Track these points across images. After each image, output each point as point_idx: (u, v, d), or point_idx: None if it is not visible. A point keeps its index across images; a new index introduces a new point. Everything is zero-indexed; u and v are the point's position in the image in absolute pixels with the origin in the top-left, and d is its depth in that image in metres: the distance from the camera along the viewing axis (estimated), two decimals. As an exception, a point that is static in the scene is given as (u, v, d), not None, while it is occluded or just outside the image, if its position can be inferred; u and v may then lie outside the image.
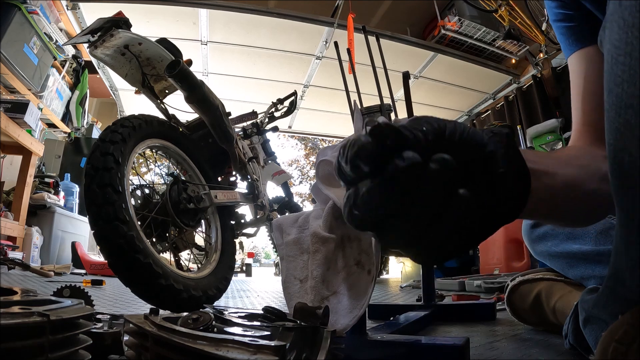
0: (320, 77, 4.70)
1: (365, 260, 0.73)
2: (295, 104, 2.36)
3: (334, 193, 0.78)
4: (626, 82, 0.37)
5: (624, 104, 0.37)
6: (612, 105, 0.39)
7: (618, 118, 0.38)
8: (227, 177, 1.83)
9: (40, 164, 4.26)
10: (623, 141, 0.38)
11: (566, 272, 0.88)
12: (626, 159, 0.37)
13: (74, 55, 4.40)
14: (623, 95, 0.37)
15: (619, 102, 0.38)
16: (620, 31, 0.38)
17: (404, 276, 3.51)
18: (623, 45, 0.37)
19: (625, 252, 0.42)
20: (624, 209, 0.41)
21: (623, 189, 0.39)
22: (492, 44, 4.64)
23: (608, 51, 0.40)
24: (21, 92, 3.43)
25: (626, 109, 0.37)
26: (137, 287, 1.09)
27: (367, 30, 1.15)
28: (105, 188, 1.06)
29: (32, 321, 0.39)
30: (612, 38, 0.39)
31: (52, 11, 3.63)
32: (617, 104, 0.38)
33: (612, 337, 0.37)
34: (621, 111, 0.38)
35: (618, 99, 0.38)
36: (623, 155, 0.38)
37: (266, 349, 0.40)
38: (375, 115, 0.98)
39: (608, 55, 0.40)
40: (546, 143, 3.70)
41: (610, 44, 0.39)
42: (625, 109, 0.37)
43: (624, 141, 0.37)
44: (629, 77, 0.36)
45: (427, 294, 1.34)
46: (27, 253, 3.36)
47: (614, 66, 0.38)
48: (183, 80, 1.36)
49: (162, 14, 3.73)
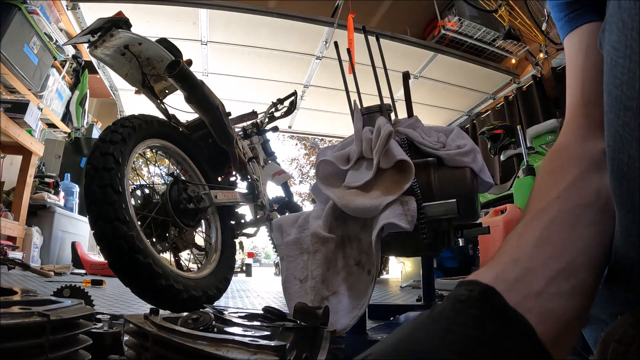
0: (320, 77, 4.70)
1: (365, 260, 0.73)
2: (295, 104, 2.36)
3: (334, 193, 0.78)
4: (625, 85, 0.37)
5: (623, 106, 0.37)
6: (611, 107, 0.39)
7: (617, 120, 0.38)
8: (227, 177, 1.83)
9: (40, 164, 4.26)
10: (622, 143, 0.38)
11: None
12: (625, 160, 0.38)
13: (74, 55, 4.40)
14: (622, 98, 0.37)
15: (618, 104, 0.38)
16: (619, 33, 0.38)
17: (404, 276, 3.51)
18: (622, 48, 0.37)
19: (625, 253, 0.42)
20: (624, 209, 0.41)
21: (622, 190, 0.39)
22: (492, 44, 4.64)
23: (607, 53, 0.40)
24: (21, 92, 3.43)
25: (625, 111, 0.37)
26: (137, 287, 1.09)
27: (367, 30, 1.15)
28: (105, 188, 1.06)
29: (32, 321, 0.39)
30: (611, 40, 0.39)
31: (52, 11, 3.63)
32: (617, 106, 0.38)
33: (612, 337, 0.37)
34: (620, 113, 0.38)
35: (617, 101, 0.38)
36: (622, 156, 0.38)
37: (266, 349, 0.40)
38: (375, 115, 0.98)
39: (607, 57, 0.40)
40: (546, 143, 3.70)
41: (610, 45, 0.39)
42: (625, 111, 0.37)
43: (623, 143, 0.38)
44: (628, 79, 0.37)
45: (427, 294, 1.34)
46: (27, 253, 3.36)
47: (613, 68, 0.39)
48: (183, 80, 1.36)
49: (162, 14, 3.74)
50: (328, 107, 5.27)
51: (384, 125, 0.82)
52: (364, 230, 0.76)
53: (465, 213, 0.78)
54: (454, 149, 0.89)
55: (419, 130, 0.97)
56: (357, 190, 0.78)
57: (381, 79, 1.04)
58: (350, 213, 0.75)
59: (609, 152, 0.40)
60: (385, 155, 0.78)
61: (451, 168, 0.84)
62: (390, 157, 0.77)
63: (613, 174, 0.40)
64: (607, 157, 0.41)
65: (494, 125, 4.22)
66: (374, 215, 0.72)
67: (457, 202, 0.72)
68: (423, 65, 4.64)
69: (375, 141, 0.80)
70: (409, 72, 1.17)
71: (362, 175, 0.80)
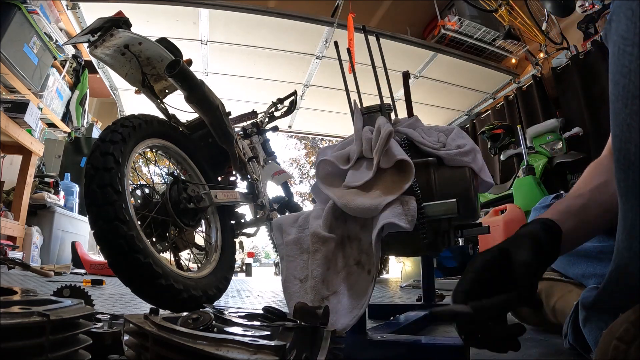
0: (320, 77, 4.70)
1: (365, 260, 0.73)
2: (295, 104, 2.36)
3: (334, 193, 0.78)
4: (634, 73, 0.36)
5: (631, 95, 0.37)
6: (619, 96, 0.39)
7: (625, 109, 0.38)
8: (227, 177, 1.83)
9: (40, 163, 4.26)
10: (630, 132, 0.37)
11: (567, 271, 0.88)
12: (632, 150, 0.37)
13: (74, 55, 4.40)
14: (630, 86, 0.37)
15: (626, 93, 0.37)
16: (628, 22, 0.37)
17: (404, 276, 3.51)
18: (631, 36, 0.37)
19: (628, 246, 0.42)
20: (628, 202, 0.40)
21: (627, 181, 0.39)
22: (492, 43, 4.64)
23: (614, 43, 0.39)
24: (21, 91, 3.42)
25: (633, 99, 0.37)
26: (137, 287, 1.09)
27: (367, 30, 1.15)
28: (105, 188, 1.06)
29: (32, 321, 0.39)
30: (619, 29, 0.39)
31: (52, 11, 3.63)
32: (624, 95, 0.38)
33: (613, 335, 0.37)
34: (628, 102, 0.37)
35: (625, 90, 0.38)
36: (629, 146, 0.38)
37: (266, 348, 0.40)
38: (375, 114, 0.98)
39: (614, 47, 0.39)
40: (546, 143, 3.70)
41: (617, 35, 0.39)
42: (632, 100, 0.37)
43: (630, 132, 0.37)
44: (637, 67, 0.36)
45: (427, 294, 1.34)
46: (27, 253, 3.36)
47: (620, 57, 0.38)
48: (183, 80, 1.36)
49: (162, 14, 3.74)
50: (328, 107, 5.27)
51: (384, 125, 0.82)
52: (364, 230, 0.76)
53: (465, 213, 0.78)
54: (454, 148, 0.89)
55: (419, 129, 0.97)
56: (357, 190, 0.78)
57: (381, 78, 1.04)
58: (350, 213, 0.75)
59: (615, 143, 0.40)
60: (386, 155, 0.78)
61: (451, 168, 0.84)
62: (391, 157, 0.77)
63: (619, 165, 0.40)
64: (612, 148, 0.41)
65: (494, 125, 4.22)
66: (374, 215, 0.72)
67: (457, 202, 0.72)
68: (423, 65, 4.64)
69: (375, 141, 0.80)
70: (409, 71, 1.17)
71: (362, 175, 0.80)
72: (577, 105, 3.87)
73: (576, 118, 3.84)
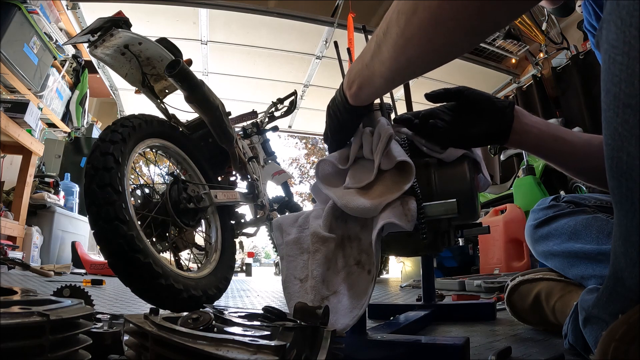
0: (321, 77, 4.70)
1: (365, 260, 0.73)
2: (295, 104, 2.36)
3: (334, 193, 0.78)
4: (624, 82, 0.37)
5: (622, 104, 0.37)
6: (610, 105, 0.39)
7: (616, 118, 0.38)
8: (227, 177, 1.83)
9: (40, 163, 4.26)
10: (621, 141, 0.37)
11: (566, 272, 0.88)
12: (624, 159, 0.37)
13: (74, 54, 4.40)
14: (621, 95, 0.37)
15: (617, 102, 0.38)
16: (617, 30, 0.38)
17: (404, 276, 3.51)
18: (621, 45, 0.37)
19: (625, 252, 0.42)
20: (623, 209, 0.41)
21: (621, 189, 0.39)
22: (492, 43, 4.64)
23: (605, 51, 0.40)
24: (21, 91, 3.42)
25: (624, 108, 0.37)
26: (137, 287, 1.09)
27: (367, 29, 1.15)
28: (105, 188, 1.06)
29: (32, 321, 0.39)
30: (609, 37, 0.39)
31: (52, 11, 3.63)
32: (615, 103, 0.38)
33: (613, 336, 0.37)
34: (619, 110, 0.38)
35: (616, 99, 0.38)
36: (621, 154, 0.38)
37: (266, 348, 0.40)
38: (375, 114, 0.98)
39: (605, 55, 0.40)
40: (546, 143, 3.70)
41: (608, 43, 0.39)
42: (624, 109, 0.37)
43: (622, 141, 0.37)
44: (627, 76, 0.36)
45: (427, 294, 1.34)
46: (27, 253, 3.36)
47: (611, 66, 0.38)
48: (183, 80, 1.36)
49: (162, 14, 3.74)
50: (328, 107, 5.26)
51: (384, 127, 0.82)
52: (364, 230, 0.76)
53: (465, 213, 0.78)
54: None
55: (419, 130, 0.96)
56: (357, 190, 0.78)
57: (381, 78, 1.04)
58: (350, 213, 0.75)
59: (607, 151, 0.40)
60: (386, 156, 0.78)
61: (451, 168, 0.84)
62: (391, 159, 0.77)
63: (612, 173, 0.40)
64: (605, 156, 0.41)
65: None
66: (373, 215, 0.72)
67: (457, 202, 0.72)
68: (423, 65, 4.63)
69: (375, 143, 0.80)
70: (409, 71, 1.16)
71: (363, 177, 0.80)
72: (577, 105, 3.87)
73: (576, 118, 3.84)
